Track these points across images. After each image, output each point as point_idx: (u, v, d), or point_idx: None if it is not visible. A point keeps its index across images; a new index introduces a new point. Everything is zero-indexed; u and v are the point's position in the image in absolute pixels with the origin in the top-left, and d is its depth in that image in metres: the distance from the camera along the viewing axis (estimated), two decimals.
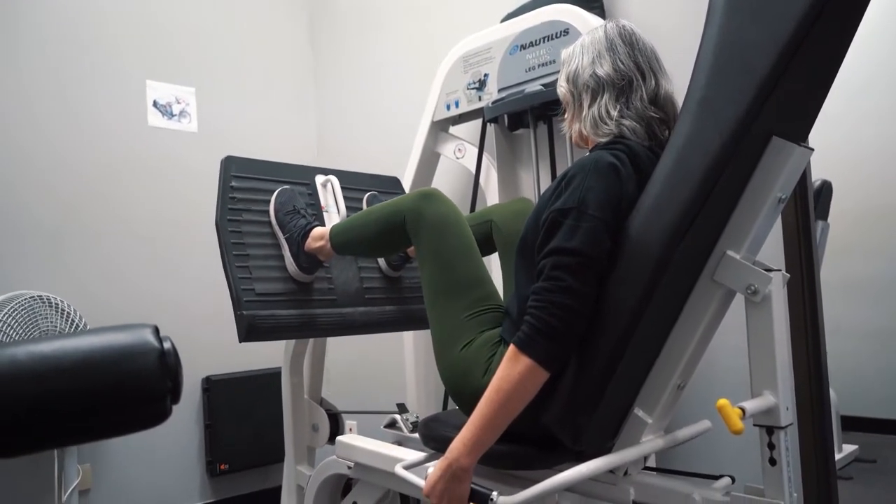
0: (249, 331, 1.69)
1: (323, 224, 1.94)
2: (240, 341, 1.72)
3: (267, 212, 1.87)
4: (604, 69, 1.31)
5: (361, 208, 2.08)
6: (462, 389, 1.34)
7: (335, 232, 1.74)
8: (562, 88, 1.40)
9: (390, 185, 2.24)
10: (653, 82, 1.31)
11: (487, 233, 1.73)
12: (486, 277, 1.48)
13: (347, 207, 2.02)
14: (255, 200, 1.87)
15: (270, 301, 1.76)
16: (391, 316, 2.01)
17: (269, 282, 1.79)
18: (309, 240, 1.79)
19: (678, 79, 1.32)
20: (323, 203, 2.01)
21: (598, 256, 1.12)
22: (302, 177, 2.01)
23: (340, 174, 2.10)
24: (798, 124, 1.18)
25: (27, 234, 2.53)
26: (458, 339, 1.38)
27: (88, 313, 2.46)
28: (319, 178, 2.04)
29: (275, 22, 3.40)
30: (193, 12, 3.08)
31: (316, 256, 1.80)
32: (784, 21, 0.99)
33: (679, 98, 1.26)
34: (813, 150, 1.16)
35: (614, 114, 1.29)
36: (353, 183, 2.13)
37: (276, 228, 1.85)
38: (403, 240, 1.61)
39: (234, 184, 1.85)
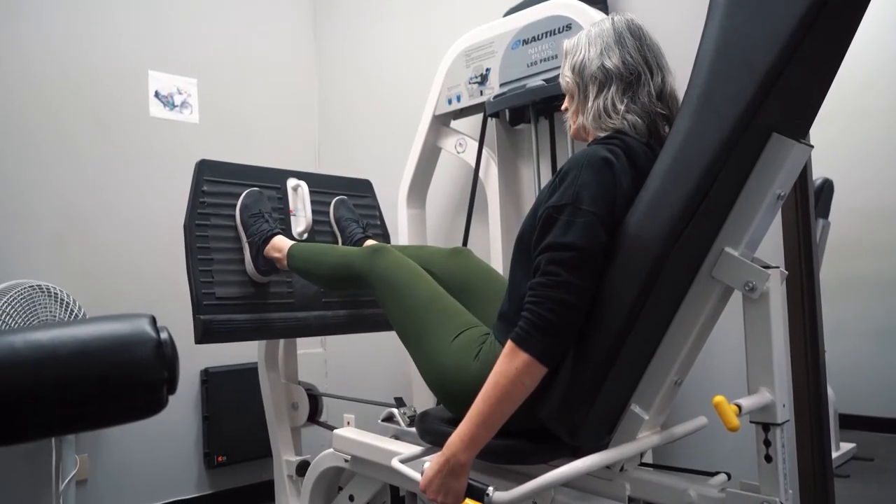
0: (205, 334, 1.81)
1: (288, 229, 2.05)
2: (195, 343, 1.82)
3: (234, 216, 1.94)
4: (612, 62, 1.29)
5: (328, 213, 2.16)
6: (454, 388, 1.34)
7: (291, 254, 1.84)
8: (566, 79, 1.38)
9: (362, 187, 2.32)
10: (659, 78, 1.30)
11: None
12: (446, 294, 1.53)
13: (315, 211, 2.12)
14: (224, 205, 1.94)
15: (229, 305, 1.86)
16: (344, 320, 2.12)
17: (230, 286, 1.88)
18: (268, 247, 1.89)
19: (680, 75, 1.32)
20: (292, 206, 2.10)
21: (593, 251, 1.12)
22: (274, 180, 2.09)
23: (312, 177, 2.18)
24: (798, 121, 1.17)
25: (28, 223, 2.53)
26: (441, 343, 1.40)
27: (89, 303, 2.46)
28: (291, 182, 2.11)
29: (277, 13, 3.39)
30: (195, 2, 3.07)
31: (273, 263, 1.90)
32: (785, 18, 0.99)
33: (679, 94, 1.26)
34: (812, 146, 1.15)
35: (620, 108, 1.28)
36: (324, 186, 2.21)
37: (240, 229, 1.94)
38: (350, 288, 1.77)
39: (205, 188, 1.92)
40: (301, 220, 2.08)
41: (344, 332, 2.14)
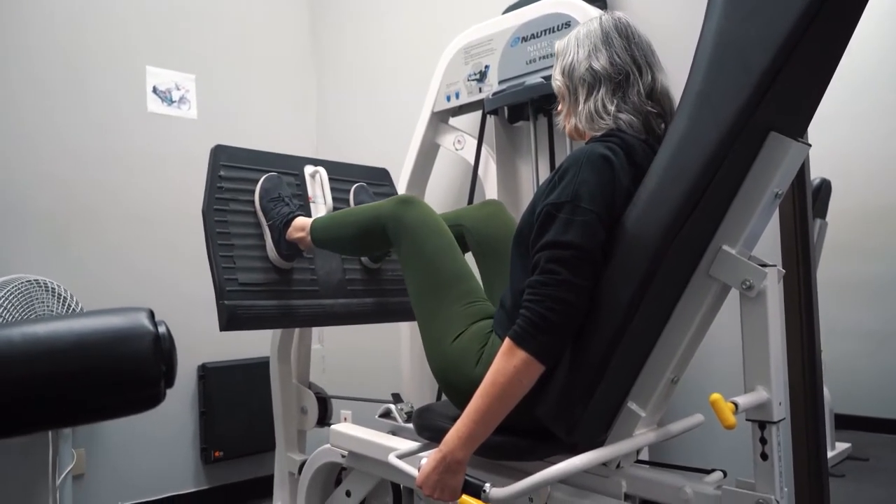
0: (230, 320, 1.74)
1: (307, 213, 1.97)
2: (220, 330, 1.76)
3: (253, 201, 1.90)
4: (600, 63, 1.29)
5: (348, 199, 2.11)
6: (455, 382, 1.35)
7: (315, 227, 1.78)
8: (557, 82, 1.38)
9: (379, 176, 2.27)
10: (649, 76, 1.30)
11: (459, 236, 1.72)
12: (469, 273, 1.49)
13: (335, 199, 2.05)
14: (243, 190, 1.89)
15: (252, 291, 1.80)
16: (370, 308, 2.05)
17: (253, 272, 1.82)
18: (290, 229, 1.83)
19: (678, 74, 1.32)
20: (310, 193, 2.04)
21: (593, 249, 1.12)
22: (291, 166, 2.04)
23: (329, 164, 2.12)
24: (796, 120, 1.17)
25: (26, 218, 2.53)
26: (448, 332, 1.39)
27: (86, 298, 2.46)
28: (308, 169, 2.06)
29: (276, 10, 3.39)
30: None
31: (297, 245, 1.84)
32: (783, 17, 0.99)
33: (677, 93, 1.26)
34: (810, 145, 1.16)
35: (611, 108, 1.28)
36: (341, 174, 2.15)
37: (260, 214, 1.89)
38: (380, 244, 1.66)
39: (222, 173, 1.87)
40: (321, 206, 2.02)
41: (370, 321, 2.07)
